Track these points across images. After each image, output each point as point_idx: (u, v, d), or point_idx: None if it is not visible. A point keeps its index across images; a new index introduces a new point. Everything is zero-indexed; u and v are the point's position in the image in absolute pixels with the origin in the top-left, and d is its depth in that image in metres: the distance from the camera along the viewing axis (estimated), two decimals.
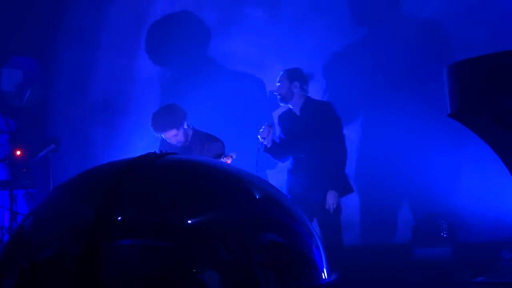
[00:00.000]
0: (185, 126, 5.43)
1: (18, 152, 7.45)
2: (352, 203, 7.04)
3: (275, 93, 5.65)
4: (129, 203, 1.99)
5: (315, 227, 5.38)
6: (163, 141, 5.60)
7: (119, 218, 1.95)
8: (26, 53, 8.24)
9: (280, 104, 5.71)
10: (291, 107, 5.68)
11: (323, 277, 2.15)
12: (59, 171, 7.28)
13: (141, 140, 7.31)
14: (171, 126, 5.38)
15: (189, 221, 1.97)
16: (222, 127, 6.45)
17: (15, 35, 8.05)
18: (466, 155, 6.81)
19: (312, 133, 5.48)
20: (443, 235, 6.44)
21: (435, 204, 6.92)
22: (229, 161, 4.94)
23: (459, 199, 6.82)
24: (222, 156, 5.10)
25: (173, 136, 5.41)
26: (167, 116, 5.40)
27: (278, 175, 6.33)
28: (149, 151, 2.26)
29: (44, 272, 1.97)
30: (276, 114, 6.32)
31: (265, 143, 5.54)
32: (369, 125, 7.27)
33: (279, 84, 5.64)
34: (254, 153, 7.13)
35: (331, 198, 5.36)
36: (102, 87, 8.24)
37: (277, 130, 5.83)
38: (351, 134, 7.11)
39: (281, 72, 5.69)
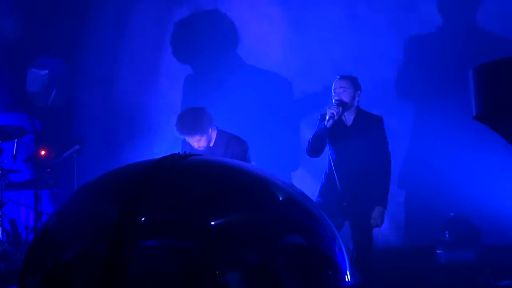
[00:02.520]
0: (210, 132, 5.36)
1: (43, 152, 7.51)
2: None
3: (336, 98, 5.37)
4: (153, 204, 2.00)
5: (346, 229, 5.35)
6: (186, 141, 5.58)
7: (143, 218, 1.95)
8: (52, 54, 8.30)
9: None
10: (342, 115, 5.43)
11: (346, 279, 2.14)
12: (83, 171, 7.32)
13: (166, 141, 7.34)
14: (196, 131, 5.29)
15: (213, 222, 1.97)
16: (246, 128, 6.44)
17: (41, 36, 8.11)
18: (492, 156, 6.74)
19: (361, 144, 5.35)
20: (467, 238, 6.38)
21: (460, 206, 6.87)
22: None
23: (484, 201, 6.75)
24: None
25: (196, 141, 5.34)
26: (193, 120, 5.31)
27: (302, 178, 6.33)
28: (173, 152, 2.27)
29: (68, 272, 1.98)
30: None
31: (327, 123, 5.26)
32: (394, 125, 7.21)
33: (343, 90, 5.37)
34: (277, 154, 7.13)
35: (378, 215, 5.28)
36: (127, 88, 8.28)
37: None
38: None
39: (339, 77, 5.45)
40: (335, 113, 5.22)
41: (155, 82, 8.23)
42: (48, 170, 7.60)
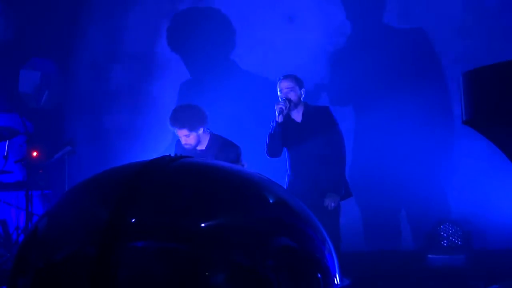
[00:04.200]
0: (200, 132, 5.35)
1: (35, 153, 7.48)
2: (366, 208, 7.03)
3: (284, 98, 5.47)
4: (143, 205, 2.00)
5: None
6: (179, 143, 5.59)
7: (133, 220, 1.96)
8: (44, 55, 8.28)
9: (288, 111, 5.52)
10: (290, 114, 5.53)
11: (335, 282, 2.15)
12: (75, 172, 7.30)
13: (158, 143, 7.33)
14: (184, 125, 5.29)
15: (203, 224, 1.97)
16: (237, 130, 6.44)
17: (34, 37, 8.09)
18: (481, 161, 6.76)
19: (314, 138, 5.46)
20: (458, 242, 6.41)
21: (450, 210, 6.89)
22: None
23: (474, 206, 6.77)
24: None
25: (184, 136, 5.34)
26: (185, 114, 5.32)
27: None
28: (164, 154, 2.27)
29: (58, 272, 1.98)
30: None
31: (277, 118, 5.39)
32: (384, 129, 7.20)
33: (290, 89, 5.50)
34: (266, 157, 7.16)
35: (331, 199, 5.35)
36: (119, 89, 8.27)
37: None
38: (362, 138, 7.13)
39: (282, 77, 5.59)
40: (283, 108, 5.35)
41: (148, 84, 8.22)
42: (40, 171, 7.57)
